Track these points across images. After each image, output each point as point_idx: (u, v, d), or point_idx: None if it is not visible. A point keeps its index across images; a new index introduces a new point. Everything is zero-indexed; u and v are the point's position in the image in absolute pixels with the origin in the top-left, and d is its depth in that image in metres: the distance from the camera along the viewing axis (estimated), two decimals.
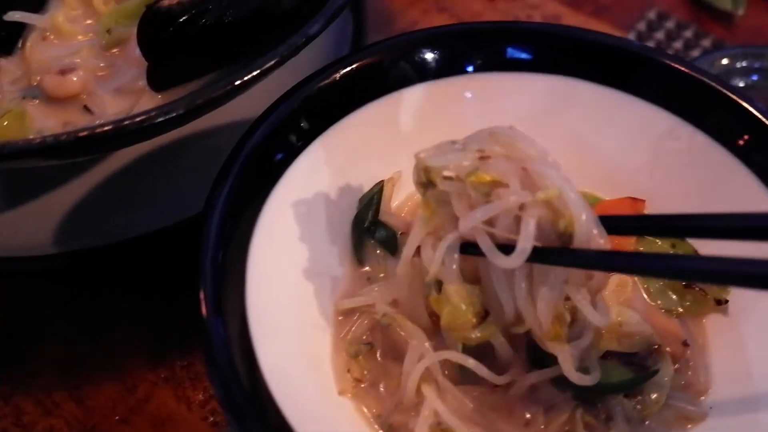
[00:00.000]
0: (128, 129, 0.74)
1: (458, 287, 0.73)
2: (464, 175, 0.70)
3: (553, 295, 0.70)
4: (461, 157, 0.71)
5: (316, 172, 0.87)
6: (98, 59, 0.94)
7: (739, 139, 0.86)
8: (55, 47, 0.94)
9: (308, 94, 0.85)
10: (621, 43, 0.94)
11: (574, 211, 0.68)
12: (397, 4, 1.41)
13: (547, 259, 0.69)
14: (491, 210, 0.69)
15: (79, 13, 0.97)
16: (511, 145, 0.72)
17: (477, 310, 0.74)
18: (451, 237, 0.72)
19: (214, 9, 0.87)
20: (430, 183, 0.72)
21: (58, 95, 0.89)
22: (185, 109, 0.76)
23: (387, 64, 0.90)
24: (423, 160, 0.72)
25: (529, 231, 0.67)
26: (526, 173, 0.69)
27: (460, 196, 0.71)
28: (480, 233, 0.69)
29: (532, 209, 0.68)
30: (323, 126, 0.87)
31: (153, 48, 0.87)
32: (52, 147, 0.72)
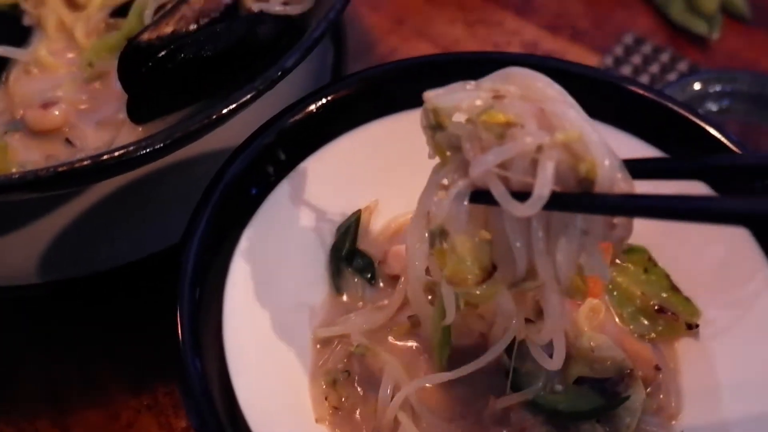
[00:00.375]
0: (107, 163, 0.75)
1: (465, 239, 0.68)
2: (475, 115, 0.64)
3: (572, 246, 0.65)
4: (473, 96, 0.66)
5: (294, 202, 0.89)
6: (80, 92, 0.96)
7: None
8: (38, 81, 0.96)
9: (284, 126, 0.87)
10: (593, 72, 0.96)
11: (596, 154, 0.62)
12: (377, 30, 1.43)
13: (566, 205, 0.64)
14: (505, 152, 0.63)
15: (62, 46, 0.99)
16: (528, 85, 0.66)
17: (483, 265, 0.68)
18: (461, 183, 0.67)
19: (192, 43, 0.89)
20: (440, 126, 0.67)
21: (40, 129, 0.91)
22: (163, 143, 0.78)
23: (363, 95, 0.92)
24: (432, 100, 0.67)
25: (546, 175, 0.61)
26: (544, 114, 0.64)
27: (472, 139, 0.66)
28: (492, 178, 0.64)
29: (550, 151, 0.62)
30: (300, 157, 0.89)
31: (133, 82, 0.89)
32: (32, 182, 0.74)
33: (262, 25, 0.95)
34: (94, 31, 1.00)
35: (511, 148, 0.63)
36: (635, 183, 0.64)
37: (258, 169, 0.85)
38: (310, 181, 0.90)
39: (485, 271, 0.69)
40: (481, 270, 0.68)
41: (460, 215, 0.67)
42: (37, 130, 0.91)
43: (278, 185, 0.87)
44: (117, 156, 0.75)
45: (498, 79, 0.68)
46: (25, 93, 0.94)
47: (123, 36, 0.96)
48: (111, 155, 0.75)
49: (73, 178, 0.76)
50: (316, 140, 0.90)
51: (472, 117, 0.65)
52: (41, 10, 1.01)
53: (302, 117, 0.88)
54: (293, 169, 0.88)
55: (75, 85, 0.96)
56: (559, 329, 0.71)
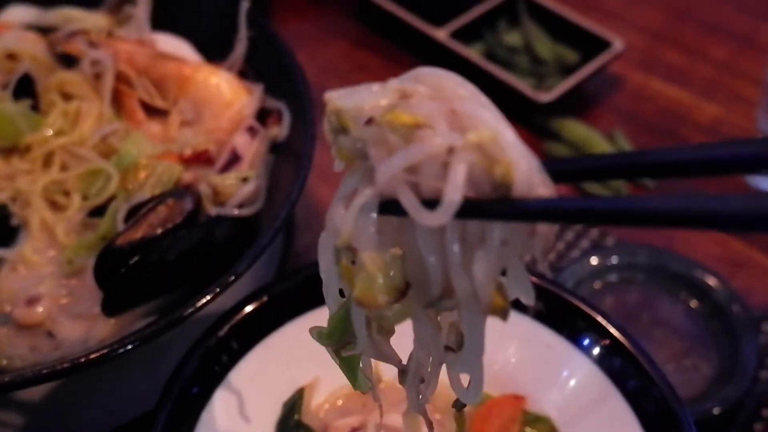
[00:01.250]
0: (85, 364, 0.90)
1: (374, 255, 0.61)
2: (380, 116, 0.59)
3: (491, 259, 0.59)
4: (378, 96, 0.61)
5: (246, 384, 1.04)
6: (60, 287, 1.10)
7: (588, 341, 1.05)
8: (23, 277, 1.10)
9: (236, 320, 1.02)
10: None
11: (511, 155, 0.56)
12: (325, 202, 1.59)
13: (481, 212, 0.58)
14: (412, 155, 0.57)
15: (44, 244, 1.14)
16: (439, 85, 0.61)
17: (396, 284, 0.62)
18: (367, 193, 0.60)
19: (158, 248, 1.06)
20: (343, 129, 0.61)
21: (25, 324, 1.05)
22: (132, 344, 0.93)
23: (304, 288, 1.08)
24: (333, 101, 0.62)
25: (457, 179, 0.56)
26: (455, 115, 0.59)
27: (378, 144, 0.60)
28: (401, 185, 0.58)
29: (462, 154, 0.57)
30: (251, 344, 1.04)
31: (107, 283, 1.04)
32: (19, 383, 0.88)
33: (219, 227, 1.12)
34: (73, 230, 1.15)
35: (419, 150, 0.57)
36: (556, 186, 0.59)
37: (213, 358, 1.01)
38: (260, 365, 1.05)
39: (398, 290, 0.62)
40: (394, 288, 0.62)
41: (367, 229, 0.61)
42: (23, 324, 1.05)
43: (232, 371, 1.02)
44: (93, 358, 0.90)
45: (407, 79, 0.63)
46: (12, 289, 1.08)
47: (99, 236, 1.11)
48: (87, 358, 0.89)
49: (54, 376, 0.90)
50: (264, 329, 1.06)
51: (376, 118, 0.60)
52: (27, 212, 1.16)
53: (252, 310, 1.04)
54: (245, 355, 1.04)
55: (55, 280, 1.10)
56: (478, 354, 0.66)
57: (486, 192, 0.57)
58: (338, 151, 0.63)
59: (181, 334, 1.02)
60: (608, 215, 0.55)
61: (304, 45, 1.84)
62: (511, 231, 0.59)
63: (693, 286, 1.33)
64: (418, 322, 0.67)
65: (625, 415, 1.00)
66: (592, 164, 0.62)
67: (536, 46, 1.79)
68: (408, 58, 1.87)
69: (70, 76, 1.28)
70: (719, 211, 0.48)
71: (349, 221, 0.61)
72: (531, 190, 0.56)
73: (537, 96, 1.63)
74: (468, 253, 0.60)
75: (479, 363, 0.67)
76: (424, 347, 0.70)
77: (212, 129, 1.29)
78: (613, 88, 1.82)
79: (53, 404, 1.15)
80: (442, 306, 0.64)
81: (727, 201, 0.48)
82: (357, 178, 0.63)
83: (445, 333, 0.68)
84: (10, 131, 1.21)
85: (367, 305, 0.62)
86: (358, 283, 0.62)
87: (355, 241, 0.62)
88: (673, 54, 1.91)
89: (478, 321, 0.63)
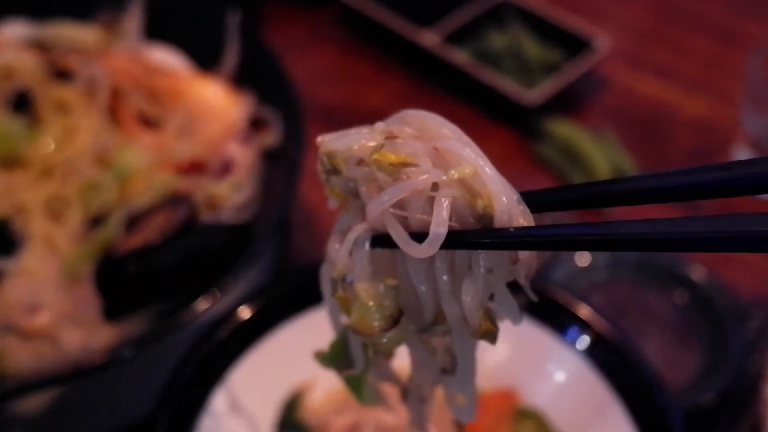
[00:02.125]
0: (89, 369, 0.93)
1: (368, 286, 0.66)
2: (368, 156, 0.63)
3: (478, 286, 0.63)
4: (366, 138, 0.64)
5: (245, 384, 1.07)
6: (62, 296, 1.13)
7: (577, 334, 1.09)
8: (26, 287, 1.13)
9: (234, 323, 1.05)
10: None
11: (492, 189, 0.61)
12: (322, 208, 1.63)
13: (466, 243, 0.62)
14: (399, 191, 0.62)
15: (46, 255, 1.17)
16: (423, 125, 0.66)
17: (389, 313, 0.66)
18: (359, 228, 0.65)
19: (155, 257, 1.09)
20: (335, 170, 0.65)
21: (29, 332, 1.08)
22: (137, 351, 0.95)
23: (301, 289, 1.11)
24: (325, 144, 0.65)
25: (441, 213, 0.60)
26: (438, 153, 0.63)
27: (368, 182, 0.64)
28: (390, 219, 0.62)
29: (446, 189, 0.61)
30: (249, 346, 1.07)
31: (107, 291, 1.08)
32: (25, 389, 0.91)
33: (214, 234, 1.15)
34: (74, 239, 1.18)
35: (405, 187, 0.61)
36: (537, 216, 0.63)
37: (211, 360, 1.03)
38: (258, 366, 1.08)
39: (392, 318, 0.66)
40: (387, 317, 0.66)
41: (360, 261, 0.66)
42: (27, 332, 1.08)
43: (230, 372, 1.05)
44: (97, 364, 0.93)
45: (393, 121, 0.67)
46: (15, 299, 1.12)
47: (99, 245, 1.15)
48: (92, 365, 0.92)
49: (59, 382, 0.93)
50: (261, 331, 1.09)
51: (365, 158, 0.64)
52: (28, 223, 1.19)
53: (249, 312, 1.07)
54: (243, 357, 1.06)
55: (58, 290, 1.13)
56: (471, 376, 0.71)
57: (470, 223, 0.62)
58: (331, 191, 0.67)
59: (180, 337, 1.05)
60: (584, 242, 0.57)
61: (293, 52, 1.87)
62: (495, 259, 0.63)
63: (679, 280, 1.36)
64: (413, 347, 0.72)
65: (614, 408, 1.03)
66: (569, 195, 0.64)
67: (523, 49, 1.82)
68: (396, 62, 1.90)
69: (66, 92, 1.32)
70: (690, 234, 0.51)
71: (343, 254, 0.65)
72: (511, 220, 0.61)
73: (525, 98, 1.66)
74: (457, 281, 0.64)
75: (472, 384, 0.71)
76: (421, 370, 0.74)
77: (205, 139, 1.33)
78: (601, 87, 1.85)
79: (56, 409, 1.17)
80: (435, 331, 0.68)
81: (695, 223, 0.51)
82: (351, 215, 0.67)
83: (439, 356, 0.72)
84: (9, 146, 1.24)
85: (362, 333, 0.66)
86: (353, 312, 0.66)
87: (350, 273, 0.66)
88: (660, 52, 1.95)
89: (470, 344, 0.68)
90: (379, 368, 0.78)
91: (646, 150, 1.70)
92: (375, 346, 0.70)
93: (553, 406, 1.09)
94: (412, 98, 1.79)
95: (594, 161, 1.61)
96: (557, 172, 1.65)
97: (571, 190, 0.64)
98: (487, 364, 1.12)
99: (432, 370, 0.73)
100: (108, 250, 1.11)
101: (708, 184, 0.53)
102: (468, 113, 1.75)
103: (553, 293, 1.11)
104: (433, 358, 0.72)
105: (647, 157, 1.68)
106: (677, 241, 0.52)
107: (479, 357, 0.70)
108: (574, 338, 1.09)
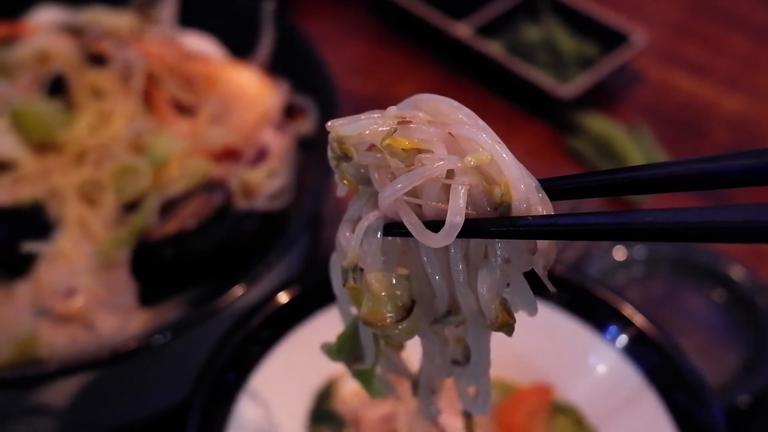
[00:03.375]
0: (123, 355, 0.92)
1: (380, 275, 0.63)
2: (379, 141, 0.60)
3: (495, 276, 0.61)
4: (378, 123, 0.61)
5: (278, 373, 1.06)
6: (97, 280, 1.12)
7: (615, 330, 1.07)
8: (62, 271, 1.13)
9: (267, 312, 1.04)
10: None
11: (509, 176, 0.58)
12: None
13: (483, 232, 0.59)
14: (413, 179, 0.59)
15: (80, 239, 1.16)
16: (437, 110, 0.63)
17: (402, 303, 0.64)
18: (371, 216, 0.62)
19: (190, 242, 1.08)
20: (346, 156, 0.62)
21: (64, 316, 1.07)
22: (170, 335, 0.95)
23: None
24: (335, 129, 0.62)
25: (458, 202, 0.58)
26: (453, 138, 0.60)
27: (380, 168, 0.62)
28: (403, 207, 0.60)
29: (462, 177, 0.59)
30: (282, 334, 1.06)
31: (143, 275, 1.07)
32: (62, 372, 0.90)
33: (247, 221, 1.14)
34: (108, 224, 1.18)
35: (419, 174, 0.59)
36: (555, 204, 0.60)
37: (245, 348, 1.02)
38: (291, 355, 1.07)
39: (404, 309, 0.64)
40: (400, 308, 0.64)
41: (372, 250, 0.63)
42: (62, 317, 1.08)
43: (263, 360, 1.04)
44: (133, 348, 0.92)
45: (406, 106, 0.64)
46: (51, 283, 1.11)
47: (134, 230, 1.14)
48: (127, 348, 0.92)
49: (96, 365, 0.93)
50: (295, 319, 1.08)
51: (376, 143, 0.61)
52: (62, 207, 1.19)
53: (283, 301, 1.06)
54: (277, 345, 1.05)
55: (92, 274, 1.13)
56: (485, 367, 0.69)
57: (486, 212, 0.59)
58: (341, 177, 0.65)
59: (214, 324, 1.04)
60: (606, 231, 0.55)
61: (325, 43, 1.85)
62: (512, 248, 0.61)
63: (718, 279, 1.34)
64: (425, 338, 0.70)
65: (653, 404, 1.01)
66: (590, 181, 0.61)
67: (557, 42, 1.80)
68: (429, 54, 1.88)
69: (100, 77, 1.31)
70: (719, 224, 0.48)
71: (354, 243, 0.63)
72: (530, 208, 0.58)
73: (558, 91, 1.64)
74: (472, 271, 0.62)
75: (486, 376, 0.69)
76: (433, 361, 0.72)
77: (239, 126, 1.32)
78: (635, 82, 1.83)
79: (90, 393, 1.17)
80: (449, 322, 0.66)
81: (727, 212, 0.48)
82: (362, 202, 0.65)
83: (451, 347, 0.70)
84: (43, 129, 1.24)
85: (373, 324, 0.64)
86: (364, 303, 0.64)
87: (362, 263, 0.63)
88: (695, 48, 1.92)
89: (484, 335, 0.66)
90: (389, 360, 0.76)
91: (682, 147, 1.68)
92: (386, 337, 0.68)
93: (590, 402, 1.07)
94: (444, 89, 1.75)
95: (629, 157, 1.59)
96: (591, 166, 1.63)
97: (592, 176, 0.61)
98: (523, 358, 1.11)
99: (444, 362, 0.71)
100: (143, 236, 1.10)
101: (737, 171, 0.51)
102: (500, 106, 1.74)
103: (593, 288, 1.09)
104: (445, 349, 0.70)
105: (683, 154, 1.66)
106: (705, 230, 0.49)
107: (516, 351, 0.68)
108: (614, 335, 1.07)
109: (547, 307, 1.10)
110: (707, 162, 0.52)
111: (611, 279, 1.34)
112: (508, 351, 1.11)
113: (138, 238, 1.11)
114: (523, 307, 0.64)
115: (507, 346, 1.10)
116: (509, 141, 0.61)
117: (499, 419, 1.08)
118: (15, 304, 1.08)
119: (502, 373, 1.10)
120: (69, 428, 1.14)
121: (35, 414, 1.15)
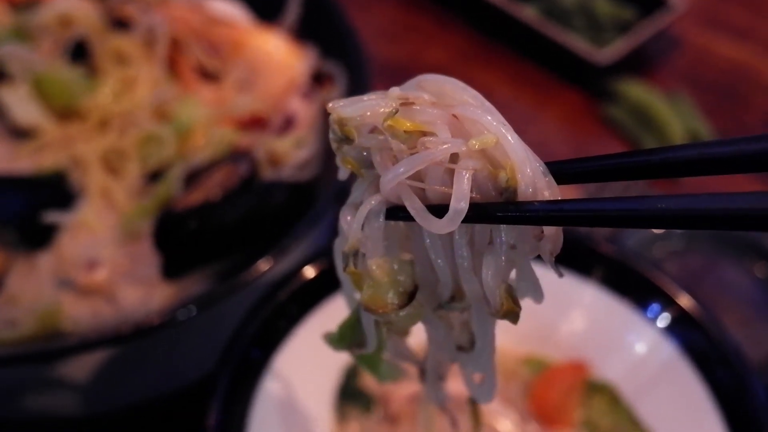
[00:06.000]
0: (148, 329, 0.90)
1: (381, 261, 0.62)
2: (381, 122, 0.58)
3: (500, 262, 0.60)
4: (380, 104, 0.59)
5: (305, 349, 1.03)
6: (120, 252, 1.10)
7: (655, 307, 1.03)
8: (84, 242, 1.11)
9: (295, 286, 1.01)
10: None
11: (515, 159, 0.57)
12: None
13: (488, 217, 0.58)
14: (416, 162, 0.57)
15: (103, 209, 1.14)
16: (441, 91, 0.61)
17: (404, 289, 0.62)
18: (373, 200, 0.60)
19: (215, 213, 1.05)
20: (347, 138, 0.60)
21: (87, 288, 1.05)
22: (196, 309, 0.92)
23: None
24: (336, 110, 0.60)
25: (462, 187, 0.56)
26: (458, 121, 0.58)
27: (382, 151, 0.59)
28: (406, 192, 0.58)
29: (466, 160, 0.57)
30: (309, 309, 1.03)
31: (167, 247, 1.04)
32: (85, 346, 0.88)
33: (274, 192, 1.11)
34: (132, 194, 1.15)
35: (422, 158, 0.57)
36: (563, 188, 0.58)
37: (272, 322, 1.00)
38: (318, 331, 1.03)
39: (406, 294, 0.62)
40: (401, 293, 0.62)
41: (373, 235, 0.61)
42: (85, 289, 1.06)
43: (290, 335, 1.01)
44: (157, 323, 0.90)
45: (409, 86, 0.62)
46: (74, 254, 1.09)
47: (157, 201, 1.11)
48: (151, 324, 0.89)
49: (120, 341, 0.91)
50: (322, 294, 1.05)
51: (378, 125, 0.59)
52: (85, 177, 1.16)
53: (310, 275, 1.03)
54: (304, 320, 1.03)
55: (115, 246, 1.10)
56: (490, 353, 0.67)
57: (491, 196, 0.57)
58: (343, 160, 0.63)
59: (240, 298, 1.01)
60: (614, 217, 0.53)
61: (354, 7, 1.80)
62: (518, 234, 0.59)
63: (759, 252, 1.29)
64: (429, 324, 0.68)
65: (693, 382, 0.98)
66: (597, 165, 0.59)
67: (594, 5, 1.73)
68: (460, 18, 1.83)
69: (124, 42, 1.28)
70: (732, 211, 0.46)
71: (356, 228, 0.61)
72: (536, 193, 0.57)
73: (595, 57, 1.59)
74: (476, 256, 0.60)
75: (491, 362, 0.68)
76: (440, 347, 0.71)
77: (266, 93, 1.28)
78: (674, 48, 1.76)
79: (114, 368, 1.16)
80: (453, 308, 0.64)
81: (739, 200, 0.46)
82: (364, 186, 0.63)
83: (457, 332, 0.69)
84: (66, 96, 1.21)
85: (374, 310, 0.62)
86: (365, 289, 0.62)
87: (363, 248, 0.62)
88: (737, 11, 1.84)
89: (488, 321, 0.64)
90: (394, 347, 0.74)
91: (723, 114, 1.62)
92: (388, 324, 0.66)
93: (628, 381, 1.03)
94: (474, 55, 1.72)
95: (668, 125, 1.53)
96: (628, 135, 1.57)
97: (601, 160, 0.58)
98: (559, 335, 1.07)
99: (449, 348, 0.70)
100: (167, 206, 1.07)
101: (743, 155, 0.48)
102: (533, 72, 1.68)
103: (630, 262, 1.05)
104: (450, 334, 0.69)
105: (724, 121, 1.60)
106: (718, 218, 0.47)
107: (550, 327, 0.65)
108: (652, 310, 1.03)
109: (581, 282, 1.06)
110: (716, 146, 0.50)
111: (649, 252, 1.30)
112: (542, 327, 1.08)
113: (162, 209, 1.09)
114: (529, 294, 0.63)
115: (540, 322, 1.07)
116: (543, 109, 0.58)
117: (533, 397, 1.05)
118: (37, 276, 1.06)
119: (535, 350, 1.07)
120: (91, 402, 1.12)
121: (57, 387, 1.14)
